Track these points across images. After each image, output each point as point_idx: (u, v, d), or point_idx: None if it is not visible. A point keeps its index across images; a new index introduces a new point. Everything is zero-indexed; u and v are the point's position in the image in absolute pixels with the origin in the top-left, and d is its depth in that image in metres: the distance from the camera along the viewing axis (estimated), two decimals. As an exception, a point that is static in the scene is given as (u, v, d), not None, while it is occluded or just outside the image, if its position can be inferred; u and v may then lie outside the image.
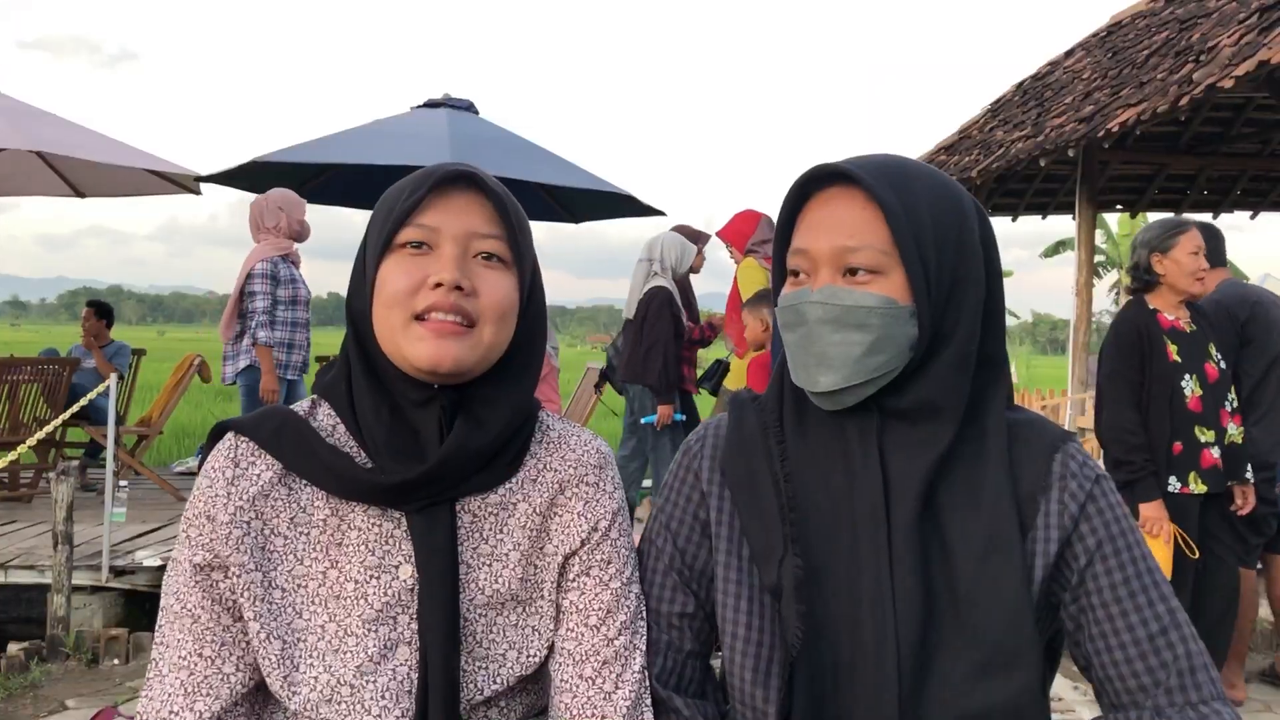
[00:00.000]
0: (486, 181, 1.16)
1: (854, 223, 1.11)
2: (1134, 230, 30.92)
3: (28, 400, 6.89)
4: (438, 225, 1.13)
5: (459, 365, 1.11)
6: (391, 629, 1.12)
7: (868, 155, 1.16)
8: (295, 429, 1.16)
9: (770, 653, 1.14)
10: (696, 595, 1.22)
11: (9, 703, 4.10)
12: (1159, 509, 3.45)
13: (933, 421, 1.12)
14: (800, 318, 1.12)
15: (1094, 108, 7.17)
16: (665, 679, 1.21)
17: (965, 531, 1.11)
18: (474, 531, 1.16)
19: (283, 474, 1.15)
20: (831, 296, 1.10)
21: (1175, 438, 3.48)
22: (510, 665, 1.15)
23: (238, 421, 1.18)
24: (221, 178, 6.82)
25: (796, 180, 1.16)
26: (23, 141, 6.70)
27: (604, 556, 1.20)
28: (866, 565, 1.11)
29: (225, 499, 1.13)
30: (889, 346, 1.10)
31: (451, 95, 6.76)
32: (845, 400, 1.12)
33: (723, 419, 1.27)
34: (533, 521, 1.18)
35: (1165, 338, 3.52)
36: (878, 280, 1.10)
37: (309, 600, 1.13)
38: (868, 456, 1.12)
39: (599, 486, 1.22)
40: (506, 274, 1.16)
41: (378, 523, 1.14)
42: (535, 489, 1.19)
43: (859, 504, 1.12)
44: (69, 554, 4.69)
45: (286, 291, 5.36)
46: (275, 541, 1.14)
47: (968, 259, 1.13)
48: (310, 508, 1.15)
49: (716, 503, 1.21)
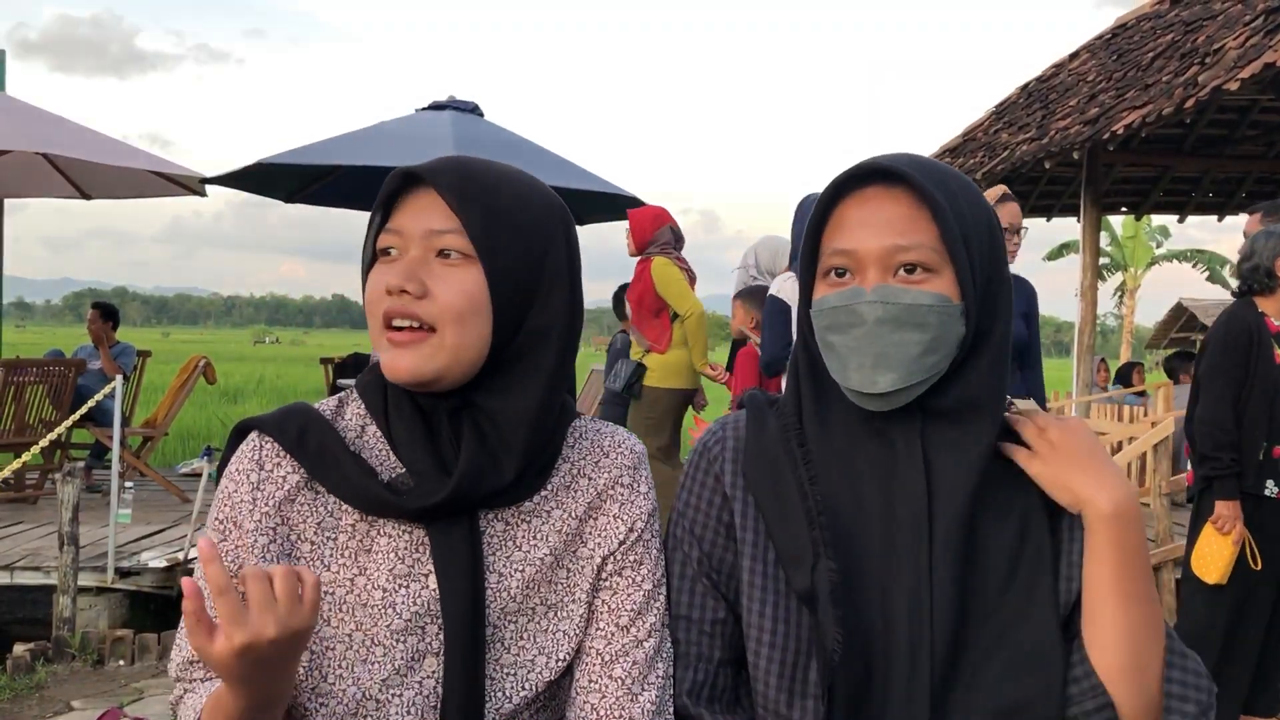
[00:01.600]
0: (440, 175, 1.09)
1: (903, 221, 1.09)
2: (1139, 232, 30.87)
3: (33, 402, 6.91)
4: (402, 228, 1.09)
5: (416, 375, 1.07)
6: (420, 639, 1.08)
7: (896, 154, 1.14)
8: (319, 433, 1.12)
9: (796, 658, 1.13)
10: (727, 599, 1.19)
11: (15, 703, 4.10)
12: (1234, 509, 3.46)
13: (976, 419, 1.11)
14: (857, 318, 1.09)
15: (1099, 110, 7.17)
16: (696, 693, 1.17)
17: (999, 532, 1.11)
18: (507, 540, 1.13)
19: (309, 477, 1.12)
20: (889, 295, 1.08)
21: (1274, 441, 3.49)
22: (539, 671, 1.12)
23: (260, 421, 1.15)
24: (226, 179, 6.83)
25: (835, 179, 1.13)
26: (28, 143, 6.71)
27: (637, 558, 1.17)
28: (905, 568, 1.09)
29: (250, 504, 1.10)
30: (943, 345, 1.09)
31: (456, 97, 6.77)
32: (898, 401, 1.10)
33: (738, 419, 1.24)
34: (568, 526, 1.15)
35: (1274, 341, 3.51)
36: (931, 279, 1.08)
37: (336, 608, 1.09)
38: (912, 458, 1.11)
39: (634, 488, 1.19)
40: (467, 270, 1.08)
41: (407, 530, 1.11)
42: (570, 496, 1.16)
43: (900, 507, 1.10)
44: (74, 555, 4.70)
45: None
46: (302, 548, 1.11)
47: (999, 257, 1.13)
48: (338, 512, 1.12)
49: (740, 506, 1.19)
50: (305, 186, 7.22)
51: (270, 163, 6.23)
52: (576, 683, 1.16)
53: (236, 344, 70.11)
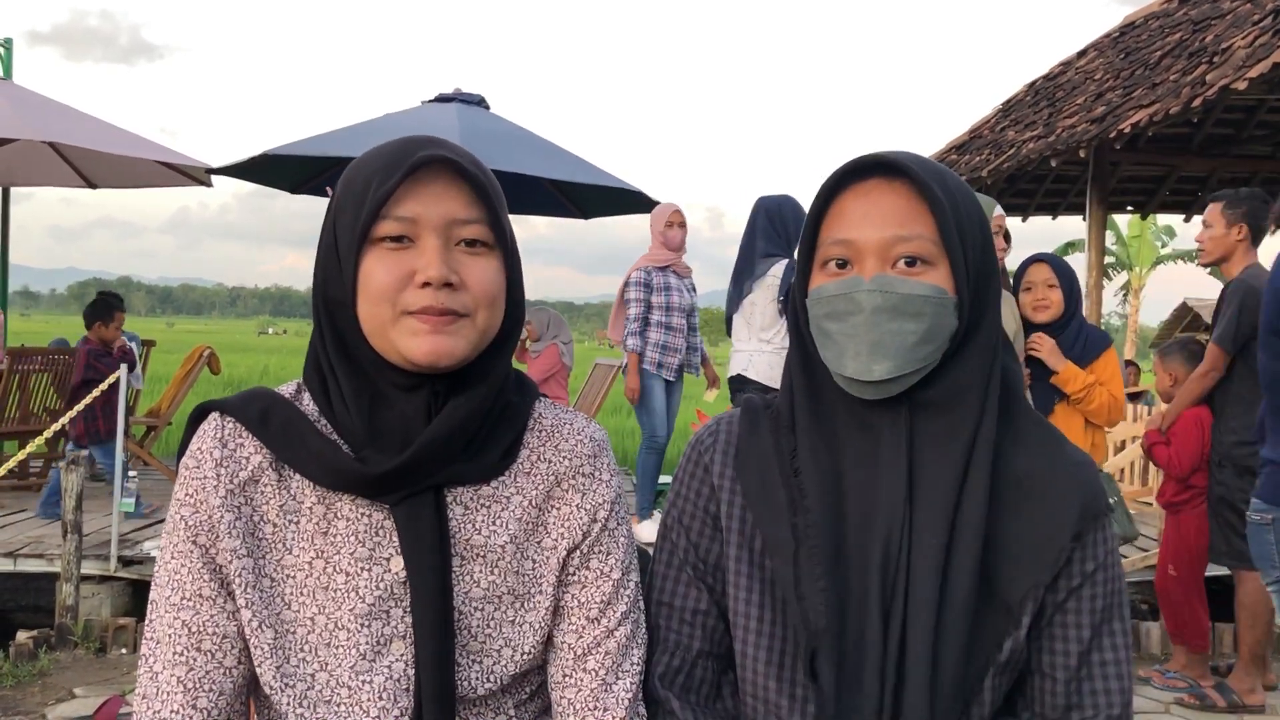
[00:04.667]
0: (462, 163, 1.08)
1: (904, 213, 1.11)
2: (1144, 232, 30.81)
3: (38, 390, 6.93)
4: (416, 215, 1.07)
5: (457, 357, 1.08)
6: (385, 623, 1.08)
7: (895, 150, 1.17)
8: (283, 412, 1.11)
9: (784, 645, 1.14)
10: (711, 590, 1.22)
11: (18, 690, 4.12)
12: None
13: (961, 409, 1.12)
14: (855, 306, 1.11)
15: (1106, 108, 7.15)
16: (670, 678, 1.19)
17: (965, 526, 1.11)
18: (466, 524, 1.12)
19: (273, 459, 1.10)
20: (888, 285, 1.10)
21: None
22: (505, 663, 1.12)
23: (222, 402, 1.13)
24: (232, 170, 6.83)
25: (836, 171, 1.16)
26: (35, 132, 6.72)
27: (603, 548, 1.17)
28: (877, 560, 1.10)
29: (215, 481, 1.09)
30: (937, 336, 1.11)
31: (463, 90, 6.76)
32: (891, 390, 1.12)
33: (733, 415, 1.27)
34: (528, 514, 1.15)
35: None
36: (928, 271, 1.11)
37: (297, 591, 1.09)
38: (896, 449, 1.12)
39: (594, 476, 1.19)
40: (491, 257, 1.11)
41: (366, 513, 1.09)
42: (529, 481, 1.16)
43: (883, 494, 1.12)
44: (78, 543, 4.72)
45: (659, 299, 5.71)
46: (264, 529, 1.10)
47: (989, 253, 1.15)
48: (300, 495, 1.10)
49: (728, 496, 1.21)
50: (311, 178, 7.22)
51: (276, 154, 6.24)
52: (551, 677, 1.16)
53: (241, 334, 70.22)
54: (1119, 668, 1.15)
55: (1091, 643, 1.14)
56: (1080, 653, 1.14)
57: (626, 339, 5.72)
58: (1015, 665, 1.14)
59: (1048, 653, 1.14)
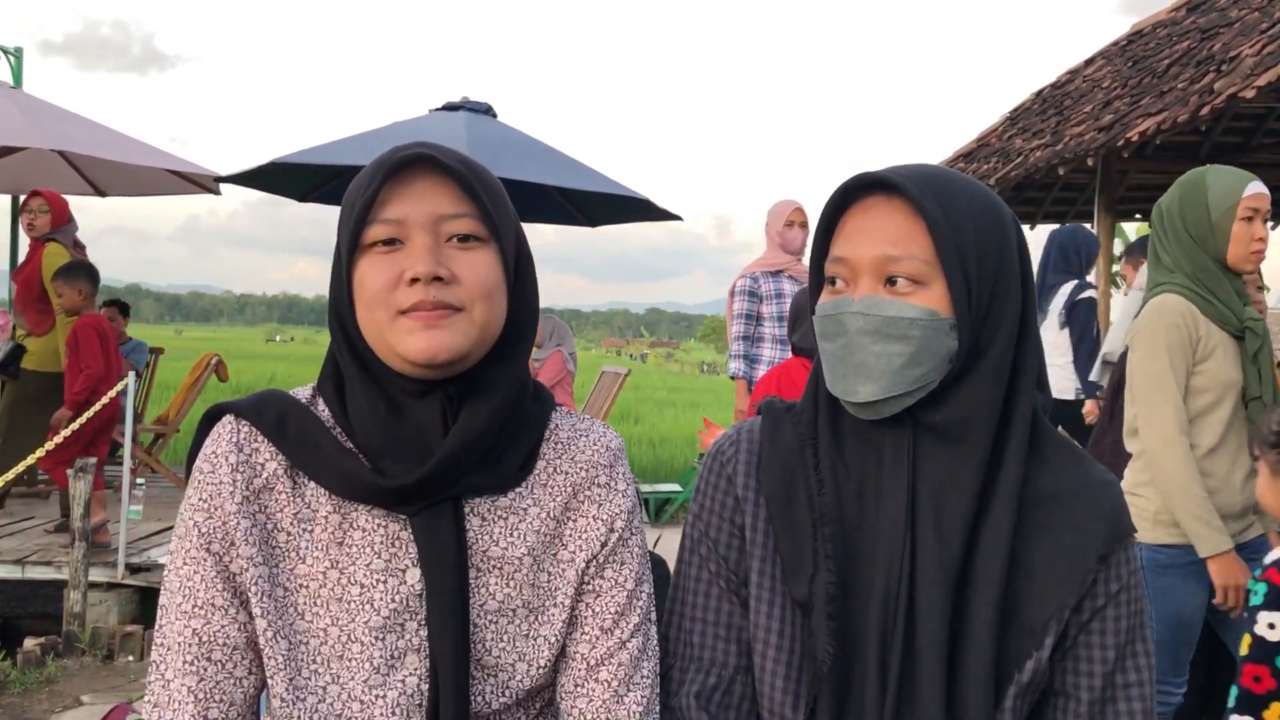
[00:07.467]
0: (441, 159, 1.07)
1: (897, 232, 1.09)
2: (1153, 240, 30.68)
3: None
4: (403, 216, 1.06)
5: (454, 352, 1.06)
6: (399, 636, 1.06)
7: (909, 165, 1.15)
8: (299, 419, 1.10)
9: (801, 661, 1.13)
10: (744, 603, 1.19)
11: (25, 697, 4.13)
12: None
13: (966, 438, 1.10)
14: (840, 327, 1.10)
15: (1114, 117, 7.14)
16: (706, 696, 1.16)
17: (988, 548, 1.10)
18: (483, 535, 1.10)
19: (288, 466, 1.09)
20: (873, 307, 1.08)
21: None
22: (519, 678, 1.10)
23: (237, 404, 1.12)
24: (241, 178, 6.85)
25: (837, 188, 1.14)
26: (44, 140, 6.75)
27: (619, 558, 1.16)
28: (879, 586, 1.10)
29: (231, 486, 1.07)
30: (928, 358, 1.08)
31: (470, 98, 6.77)
32: (884, 410, 1.10)
33: (754, 424, 1.25)
34: (546, 526, 1.14)
35: None
36: (919, 291, 1.09)
37: (311, 601, 1.07)
38: (897, 468, 1.11)
39: (611, 486, 1.17)
40: (485, 251, 1.09)
41: (383, 524, 1.08)
42: (546, 493, 1.15)
43: (884, 518, 1.11)
44: (85, 550, 4.72)
45: (770, 308, 4.81)
46: (278, 537, 1.08)
47: (1007, 273, 1.12)
48: (314, 503, 1.09)
49: (752, 509, 1.19)
50: (319, 186, 7.24)
51: (284, 162, 6.25)
52: (562, 687, 1.15)
53: (249, 342, 70.36)
54: (1143, 689, 1.13)
55: (1116, 664, 1.13)
56: (1105, 674, 1.12)
57: (729, 362, 4.84)
58: (1037, 686, 1.12)
59: (1071, 674, 1.13)
